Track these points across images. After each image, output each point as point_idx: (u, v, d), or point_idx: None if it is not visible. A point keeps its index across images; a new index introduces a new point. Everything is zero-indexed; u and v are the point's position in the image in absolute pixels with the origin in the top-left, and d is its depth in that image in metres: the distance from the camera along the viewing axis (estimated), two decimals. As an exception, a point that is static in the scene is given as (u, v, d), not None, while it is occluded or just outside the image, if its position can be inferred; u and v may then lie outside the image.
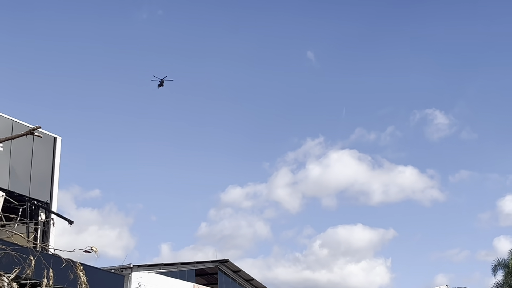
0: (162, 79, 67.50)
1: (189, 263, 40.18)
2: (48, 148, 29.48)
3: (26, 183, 28.06)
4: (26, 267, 12.65)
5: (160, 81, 68.34)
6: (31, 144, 27.82)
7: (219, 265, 40.96)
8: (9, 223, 26.90)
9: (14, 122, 27.88)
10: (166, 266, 38.16)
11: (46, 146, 29.28)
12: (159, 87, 69.69)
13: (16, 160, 28.04)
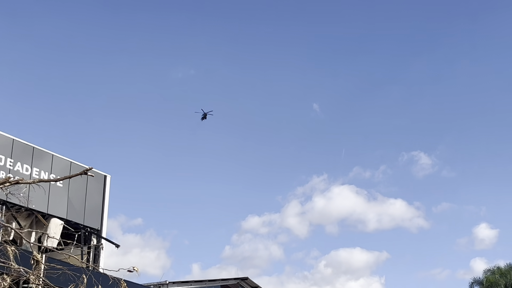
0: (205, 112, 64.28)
1: (215, 280, 40.23)
2: (99, 184, 29.81)
3: (81, 213, 28.36)
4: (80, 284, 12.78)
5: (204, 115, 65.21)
6: (86, 181, 28.01)
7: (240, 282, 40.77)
8: (66, 247, 27.13)
9: (72, 163, 28.25)
10: (196, 283, 38.19)
11: (98, 182, 29.61)
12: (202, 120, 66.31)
13: (73, 194, 28.26)
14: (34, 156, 26.81)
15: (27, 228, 25.32)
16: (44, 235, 26.49)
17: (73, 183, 27.18)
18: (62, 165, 27.54)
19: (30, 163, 26.54)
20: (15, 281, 9.55)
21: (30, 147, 26.73)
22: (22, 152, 26.41)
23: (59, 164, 27.64)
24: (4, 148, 25.69)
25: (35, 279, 9.28)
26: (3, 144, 25.70)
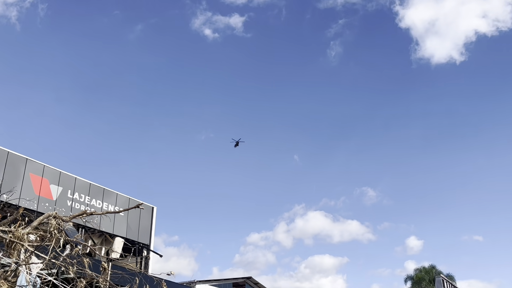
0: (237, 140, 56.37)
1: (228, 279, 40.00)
2: (148, 213, 30.08)
3: (136, 233, 28.77)
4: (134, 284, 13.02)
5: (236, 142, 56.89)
6: (139, 211, 28.37)
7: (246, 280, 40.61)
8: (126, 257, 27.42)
9: (130, 199, 28.63)
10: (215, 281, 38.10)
11: (147, 212, 29.92)
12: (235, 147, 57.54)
13: (130, 220, 28.54)
14: (104, 195, 27.37)
15: (98, 245, 25.62)
16: (111, 249, 26.96)
17: (130, 213, 27.47)
18: (122, 200, 27.99)
19: (101, 199, 27.04)
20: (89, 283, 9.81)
21: (101, 188, 27.27)
22: (96, 191, 26.95)
23: (121, 199, 28.07)
24: (84, 189, 26.24)
25: (103, 281, 9.54)
26: (83, 186, 26.27)
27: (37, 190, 23.92)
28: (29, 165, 23.97)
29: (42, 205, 23.50)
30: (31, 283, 9.26)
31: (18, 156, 23.57)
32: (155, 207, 30.60)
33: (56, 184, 25.00)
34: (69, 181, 25.73)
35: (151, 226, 30.18)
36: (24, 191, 23.02)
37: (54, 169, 25.15)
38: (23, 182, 23.34)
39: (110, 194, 27.90)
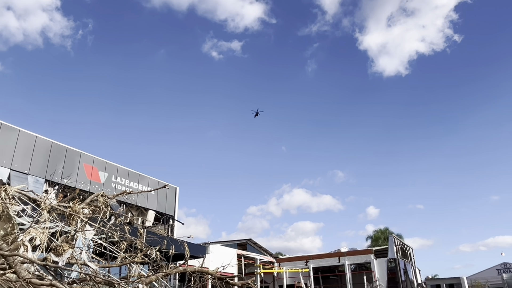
0: (257, 111, 48.65)
1: (234, 240, 39.53)
2: (173, 191, 30.03)
3: (164, 207, 28.81)
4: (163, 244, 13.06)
5: (256, 113, 49.03)
6: (166, 190, 28.34)
7: (247, 241, 40.21)
8: (156, 225, 27.41)
9: (159, 181, 28.55)
10: (224, 242, 37.80)
11: (172, 190, 29.87)
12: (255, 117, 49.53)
13: (160, 197, 28.46)
14: (139, 178, 27.40)
15: (135, 216, 25.69)
16: (145, 219, 27.05)
17: (159, 191, 27.50)
18: (153, 182, 27.96)
19: (137, 182, 27.06)
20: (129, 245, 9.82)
21: (137, 173, 27.28)
22: (133, 176, 26.95)
23: (152, 181, 28.04)
24: (124, 174, 26.26)
25: (139, 243, 9.56)
26: (123, 172, 26.29)
27: (89, 175, 23.98)
28: (82, 157, 24.01)
29: (93, 187, 23.61)
30: (86, 245, 9.33)
31: (74, 151, 23.60)
32: (177, 187, 30.63)
33: (103, 171, 25.07)
34: (113, 168, 25.79)
35: (175, 201, 30.18)
36: (79, 176, 23.05)
37: (101, 160, 25.20)
38: (78, 170, 23.39)
39: (144, 178, 27.87)
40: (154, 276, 8.03)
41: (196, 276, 9.10)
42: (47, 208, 8.59)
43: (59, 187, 20.88)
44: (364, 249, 39.85)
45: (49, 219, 8.56)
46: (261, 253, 41.27)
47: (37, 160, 21.48)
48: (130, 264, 8.62)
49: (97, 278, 7.37)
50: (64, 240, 8.55)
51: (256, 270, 36.44)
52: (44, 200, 8.72)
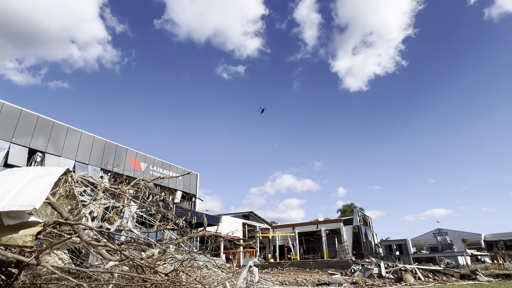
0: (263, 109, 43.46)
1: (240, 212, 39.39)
2: (195, 176, 29.95)
3: (188, 188, 28.73)
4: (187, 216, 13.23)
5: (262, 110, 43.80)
6: (190, 176, 28.30)
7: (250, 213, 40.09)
8: (183, 201, 27.35)
9: (184, 169, 28.50)
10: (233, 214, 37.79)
11: (194, 176, 29.79)
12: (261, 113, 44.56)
13: (185, 181, 28.48)
14: (170, 167, 27.36)
15: (167, 195, 25.71)
16: (174, 197, 27.02)
17: (185, 177, 27.53)
18: (180, 170, 27.88)
19: (168, 169, 27.03)
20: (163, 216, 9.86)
21: (168, 163, 27.25)
22: (165, 165, 26.93)
23: (179, 169, 27.96)
24: (158, 164, 26.23)
25: (170, 214, 9.61)
26: (158, 162, 26.25)
27: (133, 165, 23.96)
28: (128, 152, 23.98)
29: (136, 174, 23.55)
30: (130, 217, 9.34)
31: (122, 147, 23.58)
32: (198, 173, 30.52)
33: (144, 162, 25.01)
34: (150, 160, 25.71)
35: (196, 184, 30.03)
36: (125, 166, 23.06)
37: (142, 153, 25.18)
38: (125, 161, 23.37)
39: (173, 166, 27.65)
40: (181, 239, 8.07)
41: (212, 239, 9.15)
42: (102, 189, 8.60)
43: (111, 174, 20.87)
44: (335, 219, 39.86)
45: (103, 197, 8.57)
46: (260, 222, 41.19)
47: (95, 153, 21.47)
48: (164, 230, 8.66)
49: (139, 240, 7.39)
50: (115, 212, 8.57)
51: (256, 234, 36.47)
52: (100, 183, 8.75)
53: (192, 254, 7.46)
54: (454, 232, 53.86)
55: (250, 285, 6.45)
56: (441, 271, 14.25)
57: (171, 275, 5.99)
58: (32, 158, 18.26)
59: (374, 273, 14.32)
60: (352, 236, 35.49)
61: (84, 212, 7.76)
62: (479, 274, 13.13)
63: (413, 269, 13.84)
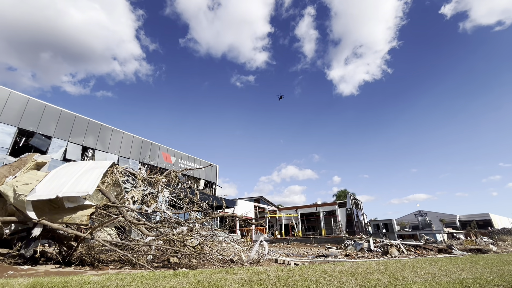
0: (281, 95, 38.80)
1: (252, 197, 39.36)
2: (215, 168, 29.96)
3: (209, 177, 28.77)
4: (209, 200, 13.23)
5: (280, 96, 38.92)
6: (211, 167, 28.38)
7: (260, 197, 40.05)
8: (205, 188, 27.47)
9: (206, 162, 28.49)
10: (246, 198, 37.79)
11: (214, 167, 29.82)
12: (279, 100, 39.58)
13: (207, 171, 28.41)
14: (195, 160, 27.54)
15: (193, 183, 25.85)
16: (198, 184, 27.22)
17: (207, 168, 27.67)
18: (203, 162, 28.01)
19: (193, 162, 27.20)
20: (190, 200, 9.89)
21: (193, 157, 27.43)
22: (191, 158, 27.08)
23: (202, 162, 28.06)
24: (185, 158, 26.41)
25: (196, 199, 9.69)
26: (185, 156, 26.43)
27: (165, 159, 24.26)
28: (161, 148, 24.27)
29: (167, 166, 23.81)
30: (164, 201, 9.49)
31: (155, 144, 23.89)
32: (217, 165, 30.62)
33: (173, 156, 25.26)
34: (179, 154, 25.90)
35: (216, 173, 30.13)
36: (159, 160, 23.35)
37: (172, 149, 25.43)
38: (158, 156, 23.67)
39: (197, 159, 27.77)
40: (205, 219, 8.15)
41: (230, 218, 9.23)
42: (141, 179, 8.76)
43: (147, 166, 21.22)
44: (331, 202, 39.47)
45: (142, 185, 8.73)
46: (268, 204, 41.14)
47: (134, 150, 21.84)
48: (190, 212, 8.77)
49: (171, 220, 7.52)
50: (151, 197, 8.73)
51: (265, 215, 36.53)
52: (139, 174, 8.90)
53: (213, 231, 7.55)
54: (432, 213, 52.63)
55: (261, 256, 6.50)
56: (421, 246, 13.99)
57: (197, 247, 6.10)
58: (84, 153, 18.76)
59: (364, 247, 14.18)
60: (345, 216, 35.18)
61: (127, 197, 7.94)
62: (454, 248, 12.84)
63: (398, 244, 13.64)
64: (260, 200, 40.39)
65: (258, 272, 4.28)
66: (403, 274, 4.40)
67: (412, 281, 3.81)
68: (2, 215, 5.38)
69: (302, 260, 8.10)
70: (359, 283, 3.61)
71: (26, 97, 16.33)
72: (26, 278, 3.52)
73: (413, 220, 51.79)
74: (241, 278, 3.72)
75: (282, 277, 3.86)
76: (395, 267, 5.39)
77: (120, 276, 3.76)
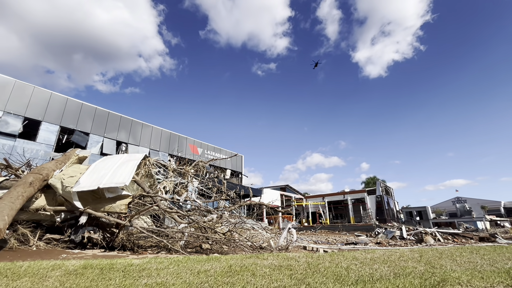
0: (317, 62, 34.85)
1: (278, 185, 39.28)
2: (240, 158, 30.21)
3: (235, 167, 29.18)
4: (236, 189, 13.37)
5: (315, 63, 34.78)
6: (236, 157, 28.72)
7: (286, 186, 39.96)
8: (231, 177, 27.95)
9: (232, 152, 28.81)
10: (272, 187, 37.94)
11: (240, 157, 30.09)
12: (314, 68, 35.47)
13: (233, 161, 28.82)
14: (221, 151, 28.05)
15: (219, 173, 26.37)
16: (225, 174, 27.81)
17: (232, 158, 28.06)
18: (228, 153, 28.37)
19: (219, 152, 27.72)
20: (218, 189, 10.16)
21: (219, 148, 27.96)
22: (217, 149, 27.61)
23: (228, 152, 28.45)
24: (211, 149, 26.99)
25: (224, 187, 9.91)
26: (211, 147, 27.00)
27: (192, 150, 25.02)
28: (188, 140, 25.04)
29: (195, 157, 24.46)
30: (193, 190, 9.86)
31: (183, 136, 24.68)
32: (243, 155, 30.89)
33: (200, 147, 25.94)
34: (205, 145, 26.52)
35: (241, 163, 30.45)
36: (186, 151, 24.17)
37: (198, 140, 26.11)
38: (186, 147, 24.47)
39: (223, 150, 28.23)
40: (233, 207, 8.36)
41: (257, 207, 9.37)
42: (171, 170, 9.16)
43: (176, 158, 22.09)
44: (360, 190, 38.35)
45: (172, 175, 9.13)
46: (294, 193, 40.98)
47: (163, 142, 22.78)
48: (219, 200, 9.03)
49: (201, 208, 7.82)
50: (181, 187, 9.11)
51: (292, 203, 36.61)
52: (169, 165, 9.30)
53: (242, 218, 7.72)
54: (473, 200, 49.04)
55: (290, 243, 6.56)
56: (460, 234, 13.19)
57: (227, 234, 6.30)
58: (119, 147, 19.97)
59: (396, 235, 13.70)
60: (375, 204, 34.09)
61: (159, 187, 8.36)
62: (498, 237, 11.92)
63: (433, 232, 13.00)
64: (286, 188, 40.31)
65: (287, 258, 4.33)
66: (441, 262, 4.20)
67: (451, 269, 3.63)
68: (53, 205, 5.95)
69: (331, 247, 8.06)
70: (393, 270, 3.51)
71: (65, 97, 17.62)
72: (78, 260, 3.91)
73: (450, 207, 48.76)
74: (271, 263, 3.80)
75: (312, 263, 3.87)
76: (431, 255, 5.15)
77: (159, 259, 4.02)
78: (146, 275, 2.96)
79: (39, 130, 16.04)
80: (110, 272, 3.02)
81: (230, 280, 2.78)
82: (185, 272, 3.13)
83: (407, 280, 2.92)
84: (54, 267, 3.22)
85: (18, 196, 5.05)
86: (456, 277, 3.08)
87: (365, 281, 2.86)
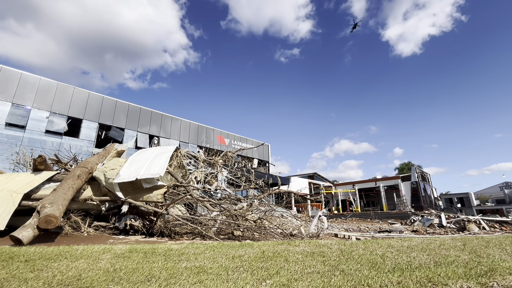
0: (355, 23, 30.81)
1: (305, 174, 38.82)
2: (267, 147, 30.18)
3: (262, 156, 29.24)
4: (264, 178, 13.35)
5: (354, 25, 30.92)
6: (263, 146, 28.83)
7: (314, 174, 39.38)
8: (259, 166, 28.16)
9: (258, 142, 28.89)
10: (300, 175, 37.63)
11: (266, 146, 30.07)
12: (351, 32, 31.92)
13: (259, 151, 28.86)
14: (247, 141, 28.30)
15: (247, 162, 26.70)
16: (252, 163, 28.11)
17: (259, 148, 28.21)
18: (255, 142, 28.50)
19: (246, 142, 27.99)
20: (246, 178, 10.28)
21: (245, 138, 28.20)
22: (243, 139, 27.88)
23: (254, 142, 28.56)
24: (238, 139, 27.31)
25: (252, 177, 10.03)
26: (238, 138, 27.35)
27: (219, 141, 25.56)
28: (215, 131, 25.58)
29: (222, 148, 25.01)
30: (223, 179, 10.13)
31: (210, 128, 25.24)
32: (269, 144, 30.79)
33: (227, 138, 26.37)
34: (231, 136, 26.88)
35: (268, 152, 30.40)
36: (214, 142, 24.76)
37: (225, 131, 26.54)
38: (213, 138, 25.05)
39: (249, 140, 28.38)
40: (263, 195, 8.48)
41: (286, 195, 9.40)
42: (201, 160, 9.48)
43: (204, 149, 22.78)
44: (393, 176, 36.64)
45: (203, 166, 9.46)
46: (323, 181, 40.36)
47: (192, 134, 23.55)
48: (248, 189, 9.20)
49: (231, 196, 8.04)
50: (212, 177, 9.40)
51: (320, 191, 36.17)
52: (199, 156, 9.63)
53: (271, 206, 7.82)
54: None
55: (320, 230, 6.54)
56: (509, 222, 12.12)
57: (257, 222, 6.44)
58: (151, 141, 21.07)
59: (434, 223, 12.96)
60: (410, 190, 32.38)
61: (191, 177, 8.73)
62: (556, 225, 10.75)
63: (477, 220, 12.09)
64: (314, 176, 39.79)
65: (319, 245, 4.34)
66: (488, 252, 3.92)
67: (500, 259, 3.37)
68: (98, 195, 6.51)
69: (364, 235, 7.88)
70: (433, 258, 3.36)
71: (101, 96, 18.85)
72: (123, 245, 4.27)
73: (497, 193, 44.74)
74: (303, 250, 3.83)
75: (345, 250, 3.84)
76: (476, 243, 4.82)
77: (195, 245, 4.26)
78: (185, 259, 3.15)
79: (81, 128, 17.44)
80: (153, 256, 3.27)
81: (264, 265, 2.86)
82: (220, 256, 3.28)
83: (450, 269, 2.77)
84: (105, 250, 3.56)
85: (69, 188, 5.59)
86: (506, 267, 2.86)
87: (402, 269, 2.78)
